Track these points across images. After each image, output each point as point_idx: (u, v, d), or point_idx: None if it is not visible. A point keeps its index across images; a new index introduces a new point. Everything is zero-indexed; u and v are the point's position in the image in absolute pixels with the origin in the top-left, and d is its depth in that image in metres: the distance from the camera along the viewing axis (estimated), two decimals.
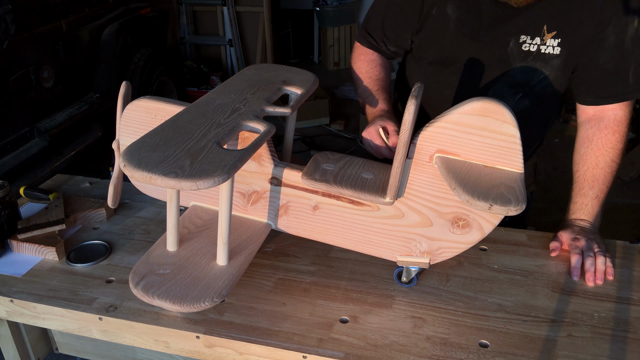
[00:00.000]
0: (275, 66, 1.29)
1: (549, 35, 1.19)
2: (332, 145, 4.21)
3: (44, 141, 3.09)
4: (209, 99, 1.06)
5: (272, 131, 0.98)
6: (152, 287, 0.97)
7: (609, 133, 1.21)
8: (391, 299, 1.07)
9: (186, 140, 0.89)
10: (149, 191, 1.25)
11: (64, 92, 3.32)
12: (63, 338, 1.38)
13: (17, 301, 1.08)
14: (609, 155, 1.21)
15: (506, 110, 0.94)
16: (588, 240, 1.17)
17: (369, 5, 1.44)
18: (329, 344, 0.97)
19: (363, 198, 1.02)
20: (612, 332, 0.99)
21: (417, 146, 1.00)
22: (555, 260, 1.18)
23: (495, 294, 1.09)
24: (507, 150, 0.96)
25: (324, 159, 1.10)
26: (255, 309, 1.05)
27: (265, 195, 1.13)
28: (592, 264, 1.12)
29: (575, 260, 1.14)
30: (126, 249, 1.23)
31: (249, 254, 1.07)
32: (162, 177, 0.79)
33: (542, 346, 0.96)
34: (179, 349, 1.03)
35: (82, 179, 1.55)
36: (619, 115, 1.21)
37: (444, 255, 1.07)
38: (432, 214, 1.04)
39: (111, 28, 3.65)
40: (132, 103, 1.14)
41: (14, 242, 1.21)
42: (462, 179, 0.95)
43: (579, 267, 1.13)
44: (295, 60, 6.26)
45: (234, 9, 5.17)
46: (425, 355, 0.94)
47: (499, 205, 0.90)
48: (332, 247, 1.19)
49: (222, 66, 5.38)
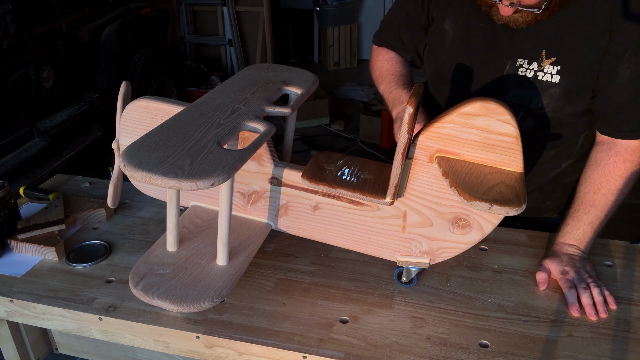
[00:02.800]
0: (275, 66, 1.29)
1: (547, 61, 1.15)
2: (332, 145, 4.21)
3: (44, 141, 3.09)
4: (209, 98, 1.06)
5: (272, 131, 0.98)
6: (152, 287, 0.97)
7: (619, 161, 1.14)
8: (391, 299, 1.07)
9: (186, 140, 0.89)
10: (148, 191, 1.25)
11: (64, 92, 3.32)
12: (63, 338, 1.38)
13: (17, 301, 1.08)
14: (615, 183, 1.14)
15: (507, 110, 0.94)
16: (578, 271, 1.09)
17: (369, 5, 1.44)
18: (329, 344, 0.96)
19: (363, 198, 1.02)
20: (613, 332, 0.99)
21: (417, 146, 1.00)
22: None
23: (495, 294, 1.09)
24: (507, 150, 0.96)
25: (324, 159, 1.10)
26: (255, 309, 1.05)
27: (265, 195, 1.13)
28: (589, 297, 1.04)
29: (569, 294, 1.06)
30: (126, 249, 1.23)
31: (249, 254, 1.07)
32: (162, 177, 0.79)
33: (543, 346, 0.96)
34: (179, 349, 1.03)
35: (82, 179, 1.55)
36: (634, 145, 1.14)
37: (444, 255, 1.07)
38: (432, 214, 1.04)
39: (111, 28, 3.65)
40: (132, 103, 1.14)
41: (14, 242, 1.21)
42: (462, 179, 0.95)
43: (576, 302, 1.05)
44: (295, 60, 6.26)
45: (234, 9, 5.17)
46: (425, 355, 0.94)
47: (499, 205, 0.90)
48: (332, 247, 1.19)
49: (222, 66, 5.38)
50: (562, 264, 1.11)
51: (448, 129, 0.98)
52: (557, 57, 1.14)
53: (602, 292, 1.06)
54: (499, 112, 0.94)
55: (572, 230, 1.15)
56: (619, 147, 1.15)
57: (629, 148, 1.14)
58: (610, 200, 1.14)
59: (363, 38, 6.09)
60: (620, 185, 1.14)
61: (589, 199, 1.15)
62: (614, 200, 1.14)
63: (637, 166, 1.14)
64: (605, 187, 1.14)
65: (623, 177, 1.14)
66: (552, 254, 1.14)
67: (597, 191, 1.15)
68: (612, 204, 1.15)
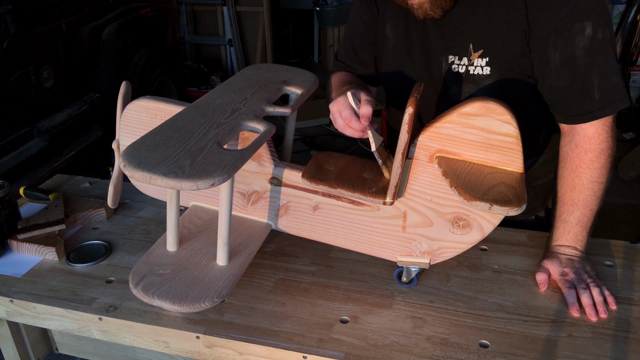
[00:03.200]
0: (275, 66, 1.29)
1: (475, 55, 1.14)
2: (332, 145, 4.21)
3: (44, 141, 3.09)
4: (209, 99, 1.06)
5: (272, 131, 0.98)
6: (152, 287, 0.97)
7: (581, 152, 1.11)
8: (391, 299, 1.07)
9: (186, 140, 0.89)
10: (149, 191, 1.25)
11: (64, 92, 3.32)
12: (63, 338, 1.38)
13: (17, 301, 1.08)
14: (585, 176, 1.10)
15: (506, 110, 0.94)
16: (577, 272, 1.09)
17: None
18: (329, 344, 0.96)
19: (363, 198, 1.02)
20: (613, 332, 0.99)
21: (418, 146, 1.00)
22: None
23: (495, 294, 1.08)
24: (507, 150, 0.96)
25: (324, 159, 1.10)
26: (255, 309, 1.05)
27: (266, 195, 1.13)
28: (589, 297, 1.04)
29: (569, 294, 1.05)
30: (126, 249, 1.23)
31: (249, 254, 1.07)
32: (162, 177, 0.79)
33: (543, 346, 0.96)
34: (179, 349, 1.03)
35: (82, 179, 1.55)
36: (589, 132, 1.10)
37: (444, 255, 1.07)
38: (433, 214, 1.04)
39: (111, 28, 3.65)
40: (132, 103, 1.14)
41: (14, 242, 1.21)
42: (463, 179, 0.95)
43: (575, 302, 1.04)
44: (295, 60, 6.26)
45: (234, 9, 5.17)
46: (425, 355, 0.94)
47: (499, 206, 0.90)
48: (332, 247, 1.19)
49: (222, 66, 5.38)
50: (561, 265, 1.11)
51: (448, 129, 0.98)
52: (484, 49, 1.14)
53: (602, 292, 1.05)
54: (499, 112, 0.94)
55: (564, 233, 1.13)
56: (577, 137, 1.12)
57: (585, 136, 1.11)
58: (589, 195, 1.11)
59: None
60: (591, 176, 1.11)
61: (568, 199, 1.13)
62: (593, 194, 1.11)
63: (600, 152, 1.11)
64: (578, 183, 1.11)
65: (590, 168, 1.11)
66: (551, 255, 1.14)
67: (573, 189, 1.12)
68: (590, 197, 1.11)
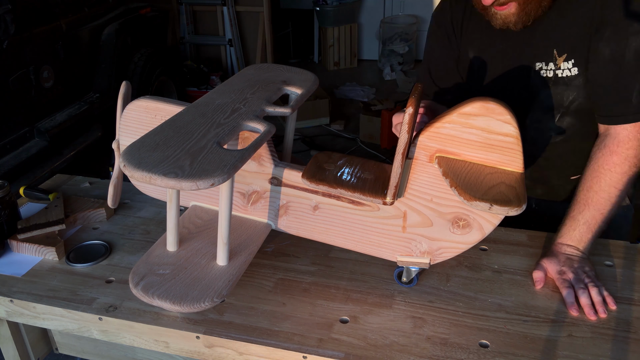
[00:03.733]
0: (275, 66, 1.29)
1: (560, 59, 1.15)
2: (332, 145, 4.21)
3: (44, 141, 3.09)
4: (209, 99, 1.06)
5: (272, 131, 0.98)
6: (152, 287, 0.97)
7: (607, 153, 1.10)
8: (391, 299, 1.07)
9: (186, 140, 0.89)
10: (149, 191, 1.25)
11: (64, 92, 3.32)
12: (63, 338, 1.38)
13: (17, 301, 1.08)
14: (605, 178, 1.09)
15: (506, 110, 0.94)
16: (575, 272, 1.08)
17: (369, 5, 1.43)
18: (329, 344, 0.96)
19: (363, 198, 1.02)
20: (613, 332, 0.99)
21: (417, 146, 1.00)
22: None
23: (495, 294, 1.08)
24: (507, 150, 0.96)
25: (324, 159, 1.10)
26: (255, 309, 1.05)
27: (265, 195, 1.13)
28: (588, 297, 1.03)
29: (567, 294, 1.05)
30: (126, 249, 1.23)
31: (249, 254, 1.07)
32: (162, 177, 0.79)
33: (543, 346, 0.96)
34: (179, 349, 1.03)
35: (82, 179, 1.55)
36: (621, 135, 1.09)
37: (444, 255, 1.07)
38: (432, 214, 1.04)
39: (111, 28, 3.65)
40: (132, 103, 1.14)
41: (14, 242, 1.21)
42: (463, 179, 0.95)
43: (574, 302, 1.03)
44: (295, 60, 6.25)
45: (234, 9, 5.17)
46: (425, 355, 0.94)
47: (499, 206, 0.90)
48: (332, 247, 1.19)
49: (222, 66, 5.38)
50: (560, 264, 1.10)
51: (448, 129, 0.98)
52: (568, 53, 1.15)
53: (601, 292, 1.05)
54: (499, 112, 0.94)
55: (569, 231, 1.13)
56: (608, 139, 1.12)
57: (616, 139, 1.10)
58: (602, 198, 1.10)
59: (363, 38, 6.09)
60: (610, 179, 1.09)
61: (583, 198, 1.13)
62: (606, 197, 1.10)
63: (625, 158, 1.10)
64: (596, 184, 1.11)
65: (612, 171, 1.09)
66: (551, 253, 1.14)
67: (590, 189, 1.12)
68: (605, 201, 1.10)
